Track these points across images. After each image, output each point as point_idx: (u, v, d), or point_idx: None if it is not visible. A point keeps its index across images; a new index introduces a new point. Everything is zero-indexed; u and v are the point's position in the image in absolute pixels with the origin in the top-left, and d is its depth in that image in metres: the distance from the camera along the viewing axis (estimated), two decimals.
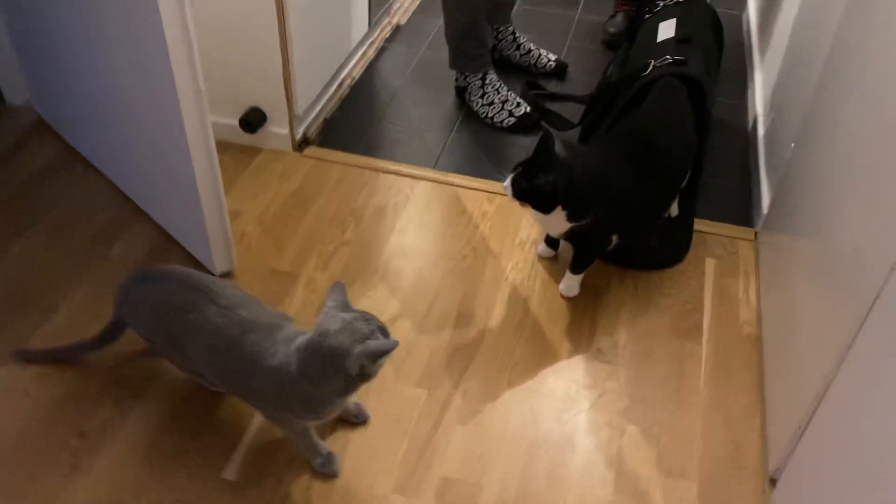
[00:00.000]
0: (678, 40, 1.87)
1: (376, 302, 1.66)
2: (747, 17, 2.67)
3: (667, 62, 1.80)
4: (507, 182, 1.54)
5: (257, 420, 1.43)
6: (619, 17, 2.55)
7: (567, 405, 1.49)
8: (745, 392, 1.53)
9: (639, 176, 1.59)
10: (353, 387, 1.20)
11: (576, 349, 1.60)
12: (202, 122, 1.47)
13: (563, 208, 1.52)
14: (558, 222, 1.55)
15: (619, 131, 1.67)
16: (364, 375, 1.17)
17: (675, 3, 2.04)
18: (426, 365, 1.55)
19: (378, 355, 1.15)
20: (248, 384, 1.24)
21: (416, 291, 1.69)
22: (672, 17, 1.97)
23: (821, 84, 1.60)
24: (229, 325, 1.25)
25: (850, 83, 1.42)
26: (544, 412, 1.48)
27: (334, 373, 1.16)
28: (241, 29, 1.86)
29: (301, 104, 2.02)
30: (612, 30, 2.53)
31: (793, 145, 1.70)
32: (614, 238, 1.64)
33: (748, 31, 2.60)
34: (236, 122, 1.99)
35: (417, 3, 2.72)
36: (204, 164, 1.53)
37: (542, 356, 1.58)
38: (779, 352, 1.51)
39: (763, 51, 2.36)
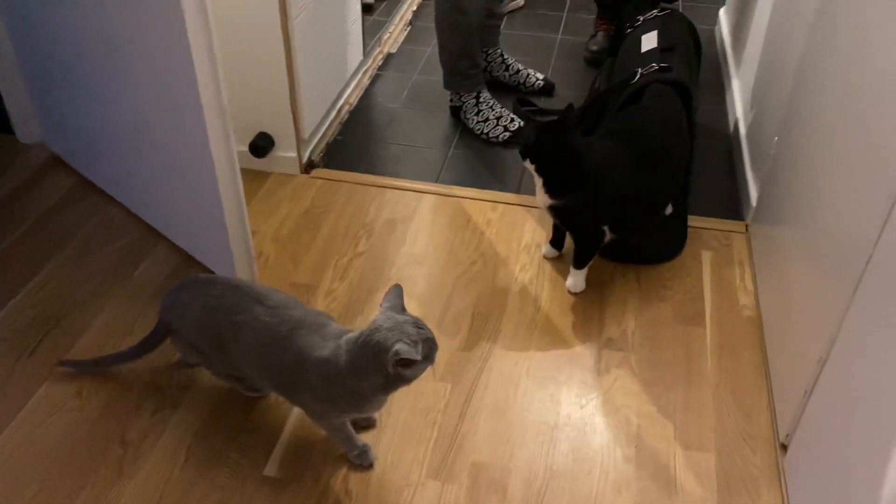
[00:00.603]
0: (662, 49, 1.99)
1: None
2: (720, 30, 2.82)
3: (653, 69, 1.92)
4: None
5: (294, 419, 1.50)
6: (600, 36, 2.69)
7: (584, 391, 1.57)
8: (751, 369, 1.62)
9: (638, 174, 1.70)
10: (393, 385, 1.25)
11: (588, 339, 1.68)
12: (227, 145, 1.56)
13: (537, 171, 1.66)
14: (541, 192, 1.69)
15: (622, 129, 1.78)
16: (401, 376, 1.23)
17: (655, 16, 2.17)
18: (448, 361, 1.62)
19: (404, 363, 1.19)
20: (296, 378, 1.31)
21: (430, 296, 1.77)
22: (653, 30, 2.10)
23: (797, 80, 1.72)
24: (279, 322, 1.32)
25: (825, 77, 1.54)
26: (563, 398, 1.55)
27: (376, 368, 1.22)
28: (249, 58, 1.96)
29: (307, 128, 2.11)
30: (594, 48, 2.66)
31: (776, 139, 1.82)
32: (606, 231, 1.73)
33: (721, 44, 2.74)
34: (245, 149, 2.08)
35: (406, 33, 2.85)
36: (229, 184, 1.61)
37: (557, 348, 1.66)
38: (778, 330, 1.61)
39: (738, 59, 2.50)
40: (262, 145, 2.06)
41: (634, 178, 1.69)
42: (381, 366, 1.22)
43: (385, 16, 2.83)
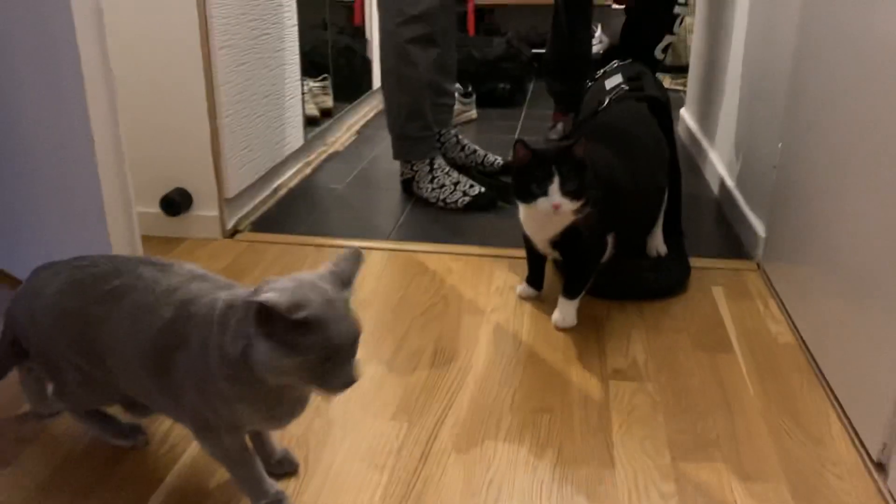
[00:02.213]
0: (629, 78, 1.79)
1: None
2: (684, 125, 2.68)
3: (622, 91, 1.70)
4: (551, 196, 1.27)
5: (179, 469, 1.03)
6: (560, 127, 2.52)
7: (592, 422, 1.14)
8: (805, 392, 1.22)
9: (621, 159, 1.42)
10: (246, 373, 0.82)
11: (588, 371, 1.27)
12: (125, 196, 1.34)
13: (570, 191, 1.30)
14: (566, 215, 1.32)
15: (589, 128, 1.51)
16: (252, 350, 0.80)
17: (616, 65, 2.00)
18: (402, 399, 1.19)
19: (263, 319, 0.77)
20: (175, 345, 0.87)
21: (379, 336, 1.37)
22: (616, 73, 1.92)
23: (791, 100, 1.51)
24: (170, 276, 0.93)
25: (823, 84, 1.32)
26: (565, 432, 1.12)
27: (237, 326, 0.82)
28: (163, 96, 1.69)
29: (231, 187, 1.80)
30: (553, 137, 2.48)
31: (780, 145, 1.56)
32: (609, 243, 1.40)
33: (688, 134, 2.59)
34: (157, 209, 1.75)
35: (353, 139, 2.65)
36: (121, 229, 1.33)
37: (549, 381, 1.25)
38: (835, 353, 1.22)
39: (710, 134, 2.33)
40: (177, 201, 1.73)
41: (622, 167, 1.40)
42: (242, 323, 0.81)
43: (333, 126, 2.65)
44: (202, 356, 0.85)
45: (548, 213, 1.29)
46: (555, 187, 1.27)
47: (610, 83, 1.87)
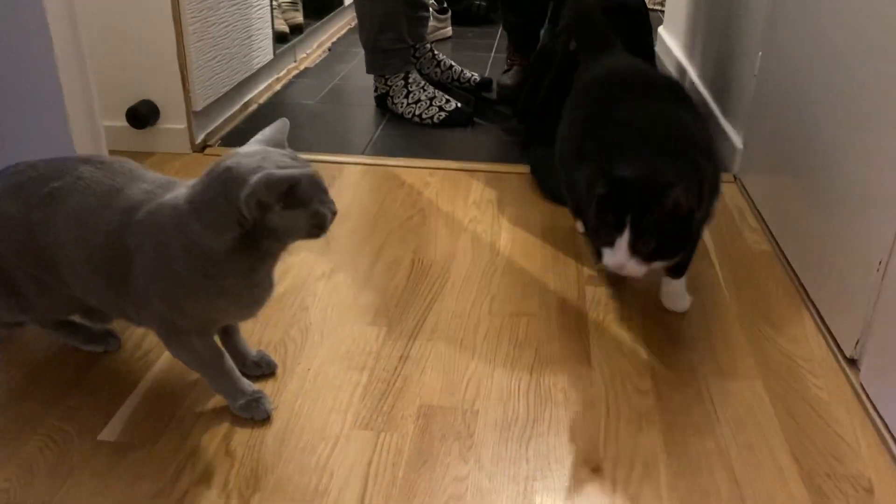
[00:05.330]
0: None
1: (303, 262, 1.31)
2: (662, 44, 2.65)
3: None
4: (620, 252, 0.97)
5: (154, 374, 1.02)
6: (514, 71, 2.38)
7: (569, 325, 1.14)
8: (782, 297, 1.23)
9: None
10: (255, 248, 0.82)
11: (564, 277, 1.27)
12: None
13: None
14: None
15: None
16: (266, 230, 0.81)
17: None
18: (380, 305, 1.18)
19: (280, 185, 0.79)
20: (127, 249, 0.85)
21: (355, 248, 1.35)
22: None
23: (772, 7, 1.48)
24: (111, 175, 0.91)
25: None
26: (542, 334, 1.12)
27: (226, 209, 0.80)
28: (128, 5, 1.62)
29: (199, 98, 1.74)
30: (507, 82, 2.15)
31: (760, 54, 1.54)
32: None
33: (666, 47, 2.56)
34: (123, 122, 1.69)
35: (324, 56, 2.57)
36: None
37: (526, 288, 1.24)
38: (813, 254, 1.23)
39: (690, 50, 2.29)
40: (143, 112, 1.67)
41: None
42: (232, 205, 0.79)
43: (303, 42, 2.57)
44: (164, 263, 0.83)
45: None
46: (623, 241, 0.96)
47: None
